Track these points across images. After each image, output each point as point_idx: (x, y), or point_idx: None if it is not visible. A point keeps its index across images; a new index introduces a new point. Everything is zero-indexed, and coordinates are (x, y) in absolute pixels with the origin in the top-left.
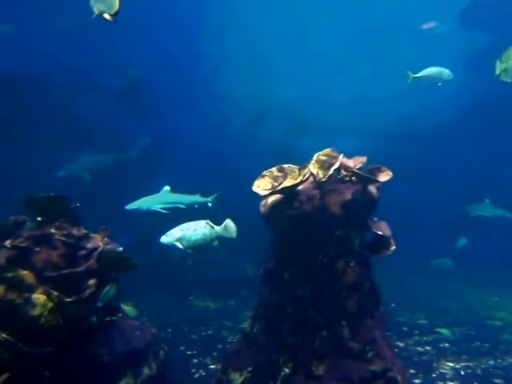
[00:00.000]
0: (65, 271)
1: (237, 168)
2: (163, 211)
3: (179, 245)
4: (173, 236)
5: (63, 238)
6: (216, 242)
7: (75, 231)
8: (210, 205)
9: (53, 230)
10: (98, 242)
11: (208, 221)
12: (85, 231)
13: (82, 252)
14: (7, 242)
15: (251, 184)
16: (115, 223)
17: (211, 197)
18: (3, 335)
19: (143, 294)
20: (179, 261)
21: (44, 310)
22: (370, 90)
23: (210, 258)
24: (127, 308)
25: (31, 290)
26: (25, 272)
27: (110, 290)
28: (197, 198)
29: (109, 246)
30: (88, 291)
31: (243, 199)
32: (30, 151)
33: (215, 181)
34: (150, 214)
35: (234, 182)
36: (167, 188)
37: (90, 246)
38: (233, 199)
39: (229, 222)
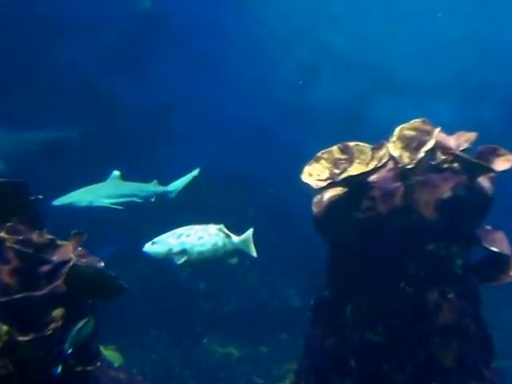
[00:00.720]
0: (18, 296)
1: (278, 143)
2: (113, 207)
3: (176, 259)
4: (164, 244)
5: (17, 247)
6: (235, 259)
7: (35, 236)
8: (171, 196)
9: (2, 234)
10: (68, 252)
11: (222, 226)
12: (49, 236)
13: (45, 268)
14: None
15: (299, 170)
16: (90, 227)
17: (173, 185)
18: None
19: (133, 332)
20: (188, 283)
21: None
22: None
23: (235, 281)
24: (109, 353)
25: None
26: None
27: (84, 325)
28: (153, 188)
29: (84, 260)
30: (52, 326)
31: (285, 192)
32: None
33: (244, 163)
34: (128, 213)
35: (273, 164)
36: (116, 174)
37: (56, 258)
38: (268, 193)
39: (252, 234)
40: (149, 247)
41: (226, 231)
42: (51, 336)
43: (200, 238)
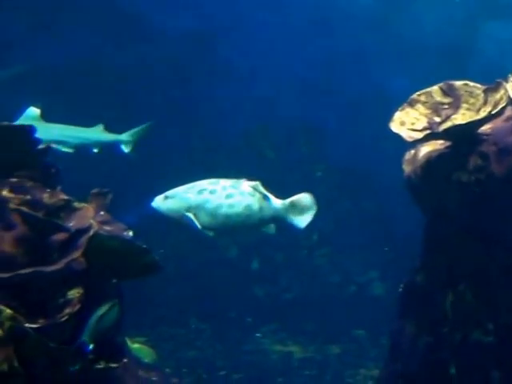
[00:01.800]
0: (24, 271)
1: (355, 85)
2: None
3: (192, 219)
4: (180, 200)
5: (24, 209)
6: (272, 227)
7: (46, 196)
8: (125, 150)
9: (5, 193)
10: (87, 218)
11: (257, 183)
12: (64, 197)
13: (59, 237)
14: None
15: (385, 117)
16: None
17: (128, 133)
18: None
19: (167, 322)
20: (235, 261)
21: None
22: None
23: (297, 261)
24: (137, 347)
25: None
26: None
27: (107, 312)
28: (94, 135)
29: (107, 228)
30: (67, 311)
31: (364, 146)
32: None
33: (312, 110)
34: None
35: (348, 112)
36: (32, 111)
37: (72, 225)
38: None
39: (304, 199)
40: (160, 202)
41: (264, 191)
42: (65, 323)
43: (229, 196)
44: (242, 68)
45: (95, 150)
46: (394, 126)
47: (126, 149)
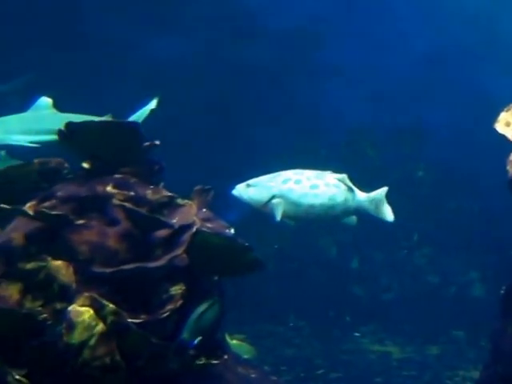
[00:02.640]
0: (128, 267)
1: (462, 83)
2: (30, 145)
3: (276, 207)
4: (263, 189)
5: (128, 205)
6: (354, 219)
7: (150, 193)
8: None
9: (110, 189)
10: (190, 214)
11: (344, 176)
12: (167, 193)
13: (162, 233)
14: (28, 206)
15: (489, 117)
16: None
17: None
18: (16, 376)
19: (265, 319)
20: (335, 260)
21: (89, 335)
22: None
23: (397, 261)
24: (236, 344)
25: (68, 297)
26: (57, 263)
27: (208, 309)
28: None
29: (210, 225)
30: (169, 307)
31: (466, 146)
32: None
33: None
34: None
35: (452, 112)
36: (44, 101)
37: (176, 221)
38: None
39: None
40: (241, 190)
41: (349, 183)
42: (167, 319)
43: (313, 186)
44: (346, 67)
45: None
46: (499, 127)
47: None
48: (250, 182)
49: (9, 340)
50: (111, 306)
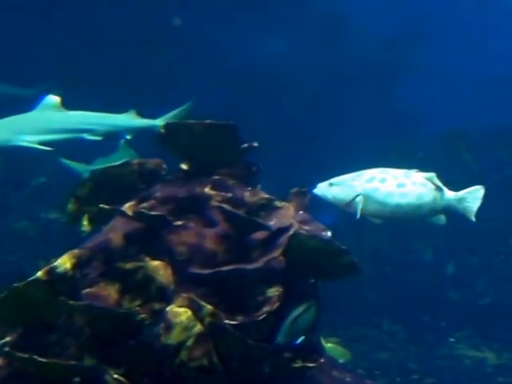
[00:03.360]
0: (226, 268)
1: None
2: (40, 148)
3: (360, 208)
4: (347, 188)
5: (226, 207)
6: (443, 218)
7: (247, 195)
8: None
9: (208, 190)
10: (288, 217)
11: (433, 175)
12: (265, 195)
13: (259, 235)
14: (127, 206)
15: None
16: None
17: (163, 118)
18: (114, 375)
19: (360, 323)
20: (430, 264)
21: (187, 336)
22: None
23: (492, 266)
24: (331, 347)
25: (166, 297)
26: (156, 263)
27: (304, 313)
28: (123, 121)
29: (307, 228)
30: (265, 309)
31: None
32: None
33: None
34: None
35: None
36: (51, 100)
37: (273, 223)
38: None
39: (476, 192)
40: (324, 189)
41: (438, 182)
42: (263, 321)
43: (400, 185)
44: (440, 69)
45: (127, 137)
46: None
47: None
48: (333, 180)
49: (107, 339)
50: (209, 307)
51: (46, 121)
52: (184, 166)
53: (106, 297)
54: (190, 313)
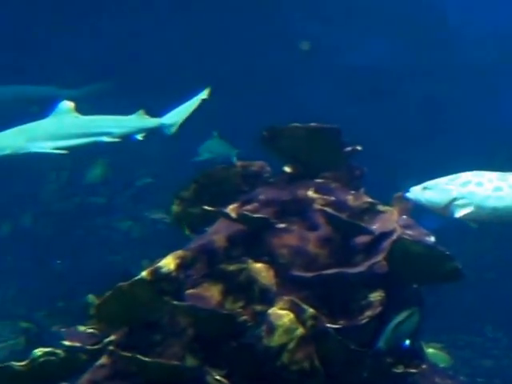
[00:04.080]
0: (328, 272)
1: None
2: (55, 152)
3: (457, 212)
4: (442, 192)
5: (329, 210)
6: None
7: (351, 198)
8: (168, 133)
9: (311, 193)
10: (391, 221)
11: None
12: (368, 199)
13: (362, 239)
14: (230, 208)
15: None
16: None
17: (171, 116)
18: (216, 376)
19: (462, 330)
20: None
21: (288, 338)
22: None
23: None
24: (432, 353)
25: (268, 299)
26: (258, 265)
27: (407, 319)
28: (133, 122)
29: (410, 232)
30: (368, 313)
31: None
32: None
33: None
34: None
35: None
36: (65, 106)
37: (376, 228)
38: None
39: None
40: (417, 193)
41: None
42: (365, 326)
43: (497, 189)
44: None
45: (139, 137)
46: None
47: (169, 132)
48: (427, 184)
49: (209, 340)
50: (311, 310)
51: (62, 126)
52: (287, 169)
53: (209, 298)
54: (292, 315)
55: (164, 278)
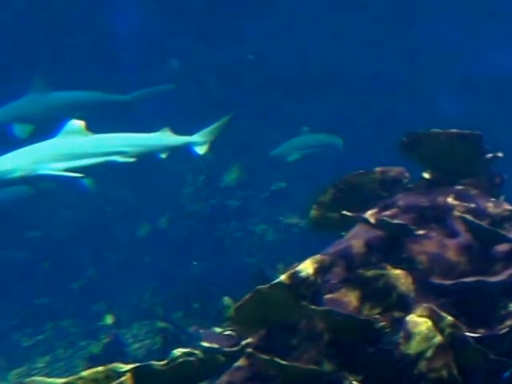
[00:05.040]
0: (467, 280)
1: None
2: (71, 175)
3: None
4: None
5: (469, 217)
6: None
7: (491, 206)
8: (199, 152)
9: (450, 200)
10: None
11: None
12: (509, 207)
13: (502, 247)
14: (369, 214)
15: None
16: None
17: (200, 134)
18: (353, 382)
19: None
20: None
21: (426, 346)
22: None
23: None
24: None
25: (406, 306)
26: (397, 272)
27: None
28: (162, 139)
29: None
30: (508, 323)
31: None
32: None
33: None
34: None
35: None
36: (74, 124)
37: None
38: None
39: None
40: None
41: None
42: (505, 336)
43: None
44: None
45: (163, 156)
46: None
47: (200, 151)
48: None
49: (346, 345)
50: (449, 318)
51: (73, 146)
52: (426, 175)
53: (347, 303)
54: (430, 323)
55: (302, 282)
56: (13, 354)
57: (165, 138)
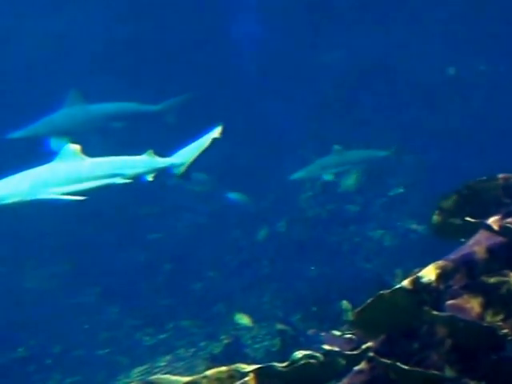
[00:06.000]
0: None
1: None
2: (70, 199)
3: None
4: None
5: None
6: None
7: None
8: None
9: None
10: None
11: None
12: None
13: None
14: (492, 220)
15: None
16: None
17: (180, 155)
18: None
19: None
20: None
21: None
22: None
23: None
24: None
25: None
26: None
27: None
28: (143, 162)
29: None
30: None
31: None
32: None
33: None
34: None
35: None
36: (70, 148)
37: None
38: None
39: None
40: None
41: None
42: None
43: None
44: None
45: (149, 178)
46: None
47: (177, 172)
48: None
49: (468, 352)
50: None
51: (67, 170)
52: None
53: (469, 309)
54: None
55: (425, 287)
56: (136, 353)
57: (151, 160)
